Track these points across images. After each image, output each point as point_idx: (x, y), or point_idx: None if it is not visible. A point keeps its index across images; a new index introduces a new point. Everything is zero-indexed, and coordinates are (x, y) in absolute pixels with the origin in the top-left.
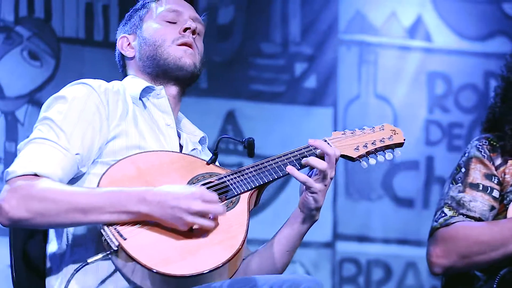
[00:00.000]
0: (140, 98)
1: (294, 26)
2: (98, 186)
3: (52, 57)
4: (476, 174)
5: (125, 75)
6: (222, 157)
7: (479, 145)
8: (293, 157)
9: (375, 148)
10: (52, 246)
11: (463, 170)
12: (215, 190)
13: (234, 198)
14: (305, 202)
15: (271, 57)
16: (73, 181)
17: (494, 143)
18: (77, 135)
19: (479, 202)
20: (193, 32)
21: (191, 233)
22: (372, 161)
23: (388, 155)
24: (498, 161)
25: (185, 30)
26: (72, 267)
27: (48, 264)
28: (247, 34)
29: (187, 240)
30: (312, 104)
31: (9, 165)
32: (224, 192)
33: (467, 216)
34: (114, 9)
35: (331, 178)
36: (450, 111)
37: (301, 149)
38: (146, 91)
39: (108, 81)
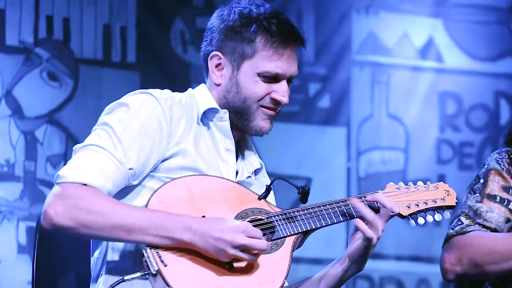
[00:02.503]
0: (204, 116)
1: (308, 47)
2: (148, 203)
3: (70, 78)
4: (494, 185)
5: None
6: None
7: (499, 158)
8: (344, 206)
9: (426, 208)
10: (95, 248)
11: (481, 181)
12: (262, 229)
13: (279, 240)
14: (356, 250)
15: None
16: (123, 191)
17: None
18: (134, 149)
19: (495, 213)
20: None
21: (232, 270)
22: (421, 220)
23: (438, 216)
24: None
25: (275, 100)
26: (106, 278)
27: (91, 268)
28: None
29: (226, 277)
30: (326, 124)
31: (28, 184)
32: (271, 232)
33: (483, 226)
34: (132, 30)
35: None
36: (461, 130)
37: (355, 199)
38: (211, 111)
39: None
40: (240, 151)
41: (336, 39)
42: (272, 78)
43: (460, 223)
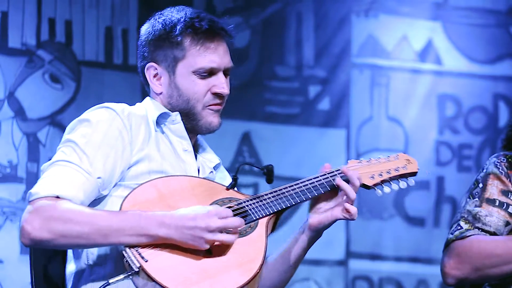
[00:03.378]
0: (157, 124)
1: (308, 50)
2: (120, 209)
3: (72, 80)
4: (493, 189)
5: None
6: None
7: (497, 162)
8: (310, 184)
9: (390, 177)
10: (72, 265)
11: (480, 185)
12: (234, 215)
13: (253, 223)
14: (324, 221)
15: (285, 80)
16: (95, 202)
17: None
18: (99, 159)
19: (494, 217)
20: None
21: (210, 256)
22: (386, 189)
23: (402, 183)
24: None
25: (217, 94)
26: (91, 286)
27: (68, 282)
28: (262, 57)
29: (206, 264)
30: (326, 126)
31: (31, 185)
32: (243, 217)
33: (483, 230)
34: (133, 33)
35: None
36: (460, 132)
37: (318, 177)
38: (162, 117)
39: (128, 103)
40: (196, 151)
41: (336, 42)
42: (208, 74)
43: (459, 227)
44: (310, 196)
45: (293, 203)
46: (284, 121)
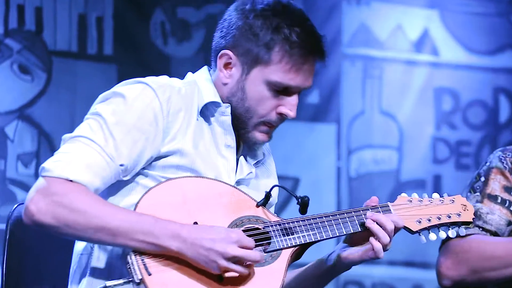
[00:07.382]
0: (203, 110)
1: None
2: (138, 202)
3: (43, 71)
4: (496, 185)
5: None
6: None
7: (502, 156)
8: (348, 217)
9: (439, 224)
10: (80, 245)
11: (482, 179)
12: (257, 239)
13: (275, 252)
14: (351, 258)
15: None
16: (115, 186)
17: None
18: (126, 144)
19: (496, 215)
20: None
21: (221, 283)
22: (432, 236)
23: (452, 232)
24: None
25: (281, 114)
26: (91, 281)
27: (74, 262)
28: None
29: None
30: (315, 120)
31: None
32: (267, 243)
33: (483, 229)
34: (108, 21)
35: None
36: (458, 128)
37: (359, 210)
38: (212, 104)
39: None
40: (243, 143)
41: (325, 31)
42: (282, 90)
43: None
44: (344, 232)
45: (324, 238)
46: None
